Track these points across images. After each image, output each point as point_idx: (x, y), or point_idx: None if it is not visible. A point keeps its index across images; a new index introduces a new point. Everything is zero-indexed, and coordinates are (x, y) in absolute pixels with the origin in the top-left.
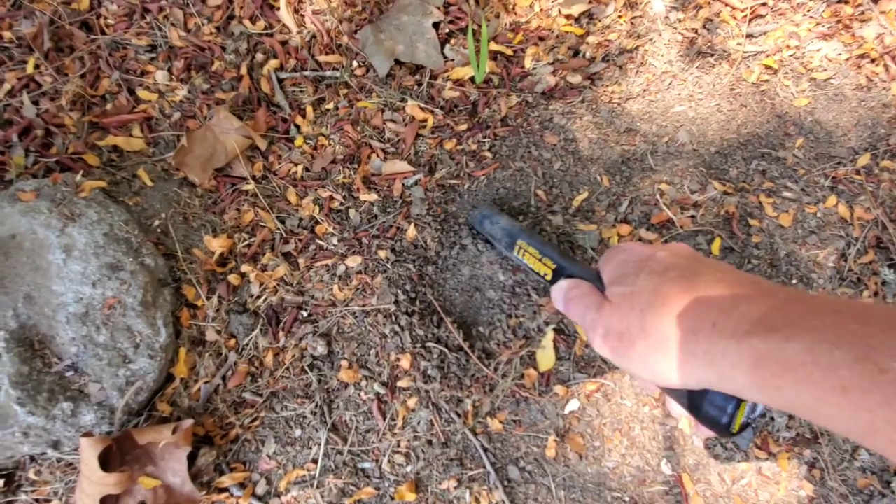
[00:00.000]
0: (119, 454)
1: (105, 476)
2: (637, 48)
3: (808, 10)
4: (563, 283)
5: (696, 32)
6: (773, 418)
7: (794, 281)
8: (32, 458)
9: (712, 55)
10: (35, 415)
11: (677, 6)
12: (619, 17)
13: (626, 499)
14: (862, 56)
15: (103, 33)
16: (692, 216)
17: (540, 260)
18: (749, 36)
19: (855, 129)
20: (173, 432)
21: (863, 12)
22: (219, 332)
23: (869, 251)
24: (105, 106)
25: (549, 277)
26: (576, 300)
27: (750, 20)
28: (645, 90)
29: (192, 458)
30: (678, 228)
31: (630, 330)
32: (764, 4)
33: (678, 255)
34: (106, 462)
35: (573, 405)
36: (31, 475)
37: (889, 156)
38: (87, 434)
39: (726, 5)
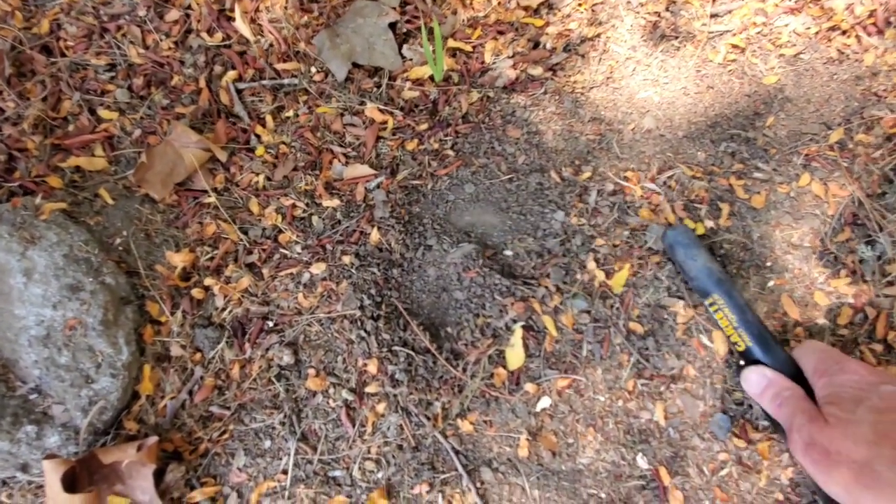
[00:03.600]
0: (87, 474)
1: (70, 498)
2: (599, 35)
3: None
4: (771, 376)
5: (659, 16)
6: (750, 406)
7: (768, 263)
8: (3, 482)
9: (676, 38)
10: (0, 439)
11: None
12: (579, 4)
13: (603, 495)
14: (832, 28)
15: (63, 55)
16: (659, 203)
17: (736, 330)
18: (714, 15)
19: (827, 104)
20: (138, 450)
21: None
22: (184, 347)
23: (845, 229)
24: (67, 127)
25: (740, 349)
26: (788, 401)
27: None
28: (608, 78)
29: (160, 475)
30: (645, 219)
31: (840, 454)
32: None
33: None
34: (74, 483)
35: (545, 402)
36: (3, 499)
37: (864, 129)
38: (50, 456)
39: None
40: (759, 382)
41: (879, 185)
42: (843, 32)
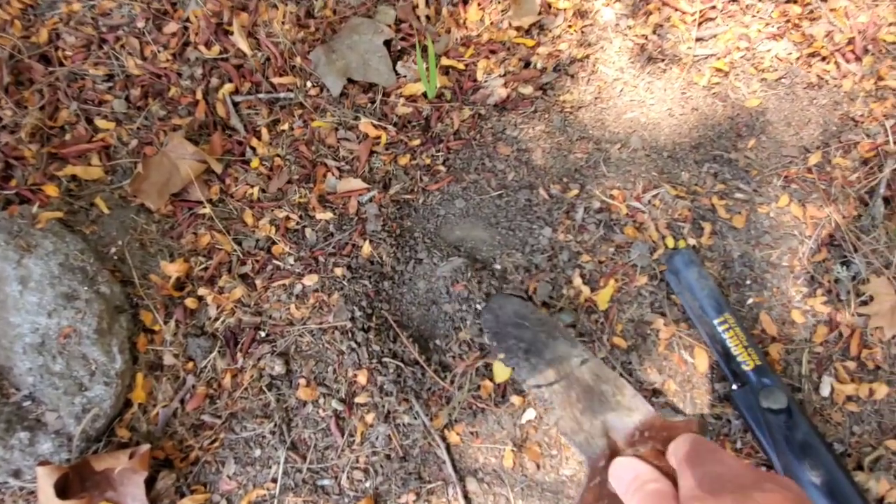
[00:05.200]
0: (78, 481)
1: None
2: (588, 57)
3: (758, 11)
4: (634, 464)
5: (647, 38)
6: (729, 420)
7: (748, 282)
8: None
9: (663, 60)
10: None
11: (627, 13)
12: (569, 26)
13: None
14: (812, 55)
15: (61, 65)
16: (643, 221)
17: (746, 349)
18: (699, 39)
19: (806, 128)
20: (130, 457)
21: (812, 11)
22: (176, 356)
23: (822, 249)
24: (64, 136)
25: (749, 367)
26: (649, 497)
27: (700, 24)
28: (597, 98)
29: (151, 482)
30: (630, 237)
31: None
32: (713, 7)
33: (787, 495)
34: (66, 489)
35: (530, 414)
36: None
37: (840, 153)
38: (44, 463)
39: (676, 10)
40: (625, 476)
41: (855, 208)
42: (823, 59)
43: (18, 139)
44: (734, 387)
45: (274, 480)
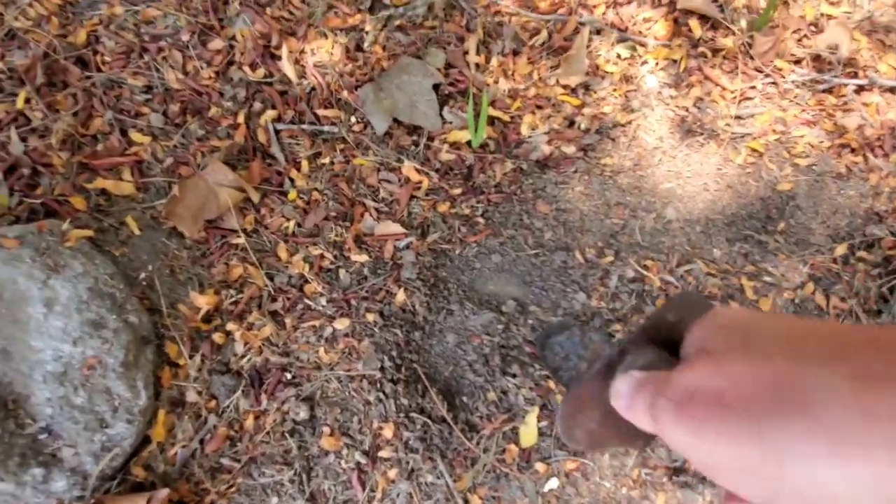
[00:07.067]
0: None
1: None
2: (630, 122)
3: (795, 97)
4: (636, 373)
5: (687, 111)
6: None
7: None
8: None
9: (701, 134)
10: (4, 481)
11: (670, 83)
12: (615, 90)
13: None
14: (843, 146)
15: (99, 70)
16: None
17: None
18: (737, 117)
19: (833, 218)
20: (147, 502)
21: (846, 102)
22: (199, 393)
23: None
24: (96, 146)
25: None
26: (644, 383)
27: (739, 101)
28: (636, 165)
29: None
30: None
31: (742, 383)
32: (753, 87)
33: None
34: None
35: (552, 483)
36: None
37: (864, 247)
38: (59, 502)
39: (717, 85)
40: (623, 388)
41: (876, 303)
42: (853, 150)
43: (48, 145)
44: None
45: None
